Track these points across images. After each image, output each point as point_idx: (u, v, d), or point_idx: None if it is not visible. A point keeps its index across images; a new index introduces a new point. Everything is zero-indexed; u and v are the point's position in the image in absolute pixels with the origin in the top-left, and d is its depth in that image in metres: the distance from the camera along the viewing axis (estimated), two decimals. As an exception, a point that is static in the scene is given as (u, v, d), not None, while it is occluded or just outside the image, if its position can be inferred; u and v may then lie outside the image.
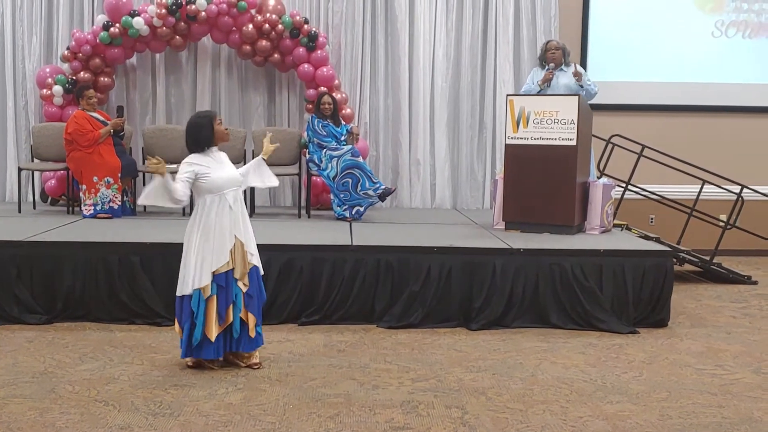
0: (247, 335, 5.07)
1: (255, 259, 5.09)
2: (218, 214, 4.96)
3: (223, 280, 4.96)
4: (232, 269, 4.97)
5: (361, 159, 8.16)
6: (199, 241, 4.96)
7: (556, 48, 7.81)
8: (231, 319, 4.99)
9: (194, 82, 9.61)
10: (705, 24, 10.09)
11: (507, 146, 7.35)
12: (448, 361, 5.45)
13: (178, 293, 5.04)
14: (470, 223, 8.20)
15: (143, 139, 8.77)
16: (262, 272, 5.20)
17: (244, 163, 8.38)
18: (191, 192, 5.04)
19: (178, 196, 4.92)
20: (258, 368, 5.13)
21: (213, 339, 4.97)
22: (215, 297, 4.95)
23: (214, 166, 5.01)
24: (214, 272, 4.93)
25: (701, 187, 8.69)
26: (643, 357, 5.65)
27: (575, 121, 7.01)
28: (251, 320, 5.05)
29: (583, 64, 9.69)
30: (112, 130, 7.97)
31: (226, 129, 5.13)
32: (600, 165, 8.80)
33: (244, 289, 5.02)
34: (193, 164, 4.99)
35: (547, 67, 7.83)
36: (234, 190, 5.04)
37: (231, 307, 4.99)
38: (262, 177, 5.41)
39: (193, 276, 4.94)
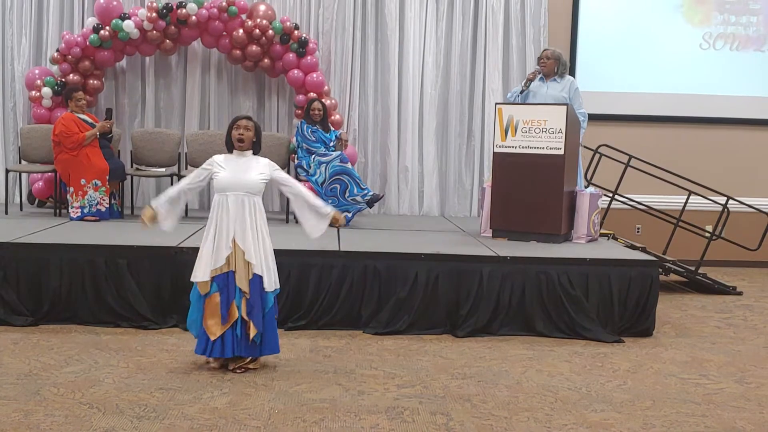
0: (246, 340, 5.07)
1: (257, 269, 5.05)
2: (219, 214, 5.06)
3: (223, 281, 5.03)
4: (233, 271, 5.02)
5: (349, 165, 8.18)
6: (205, 236, 5.12)
7: (548, 57, 7.74)
8: (236, 316, 5.02)
9: (184, 86, 9.61)
10: (693, 36, 10.17)
11: (495, 154, 7.37)
12: (433, 367, 5.46)
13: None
14: (457, 230, 8.22)
15: (132, 142, 8.76)
16: (270, 287, 5.13)
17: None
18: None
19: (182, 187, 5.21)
20: (240, 372, 5.12)
21: (213, 338, 5.04)
22: (217, 295, 5.03)
23: (231, 167, 5.09)
24: (212, 272, 5.04)
25: (687, 198, 8.74)
26: (627, 366, 5.68)
27: (563, 131, 7.04)
28: (252, 328, 5.04)
29: (572, 74, 9.71)
30: (98, 133, 7.95)
31: (240, 134, 5.10)
32: (587, 174, 8.84)
33: (246, 296, 5.03)
34: (213, 161, 5.16)
35: (537, 68, 7.82)
36: (239, 194, 5.04)
37: (233, 304, 5.03)
38: (317, 224, 5.23)
39: (195, 269, 5.10)
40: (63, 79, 8.88)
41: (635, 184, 9.08)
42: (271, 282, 5.12)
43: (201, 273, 5.06)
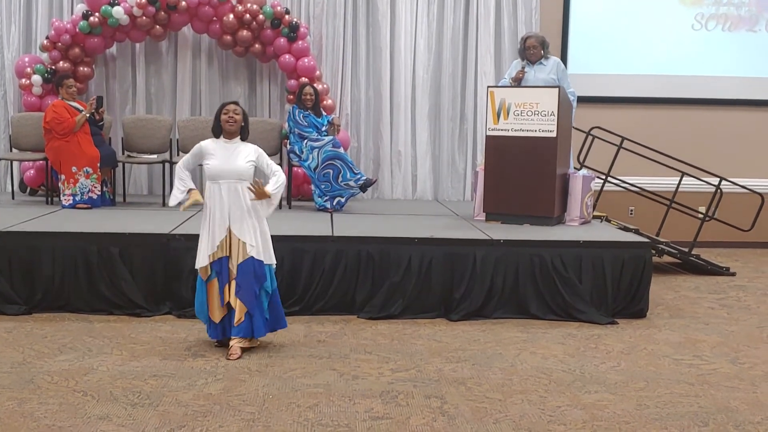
0: (232, 320, 5.18)
1: (254, 251, 5.14)
2: (212, 201, 5.14)
3: (218, 266, 5.18)
4: (227, 256, 5.15)
5: (342, 150, 8.15)
6: (201, 224, 5.22)
7: (534, 45, 7.72)
8: (228, 299, 5.16)
9: (174, 72, 9.57)
10: (685, 17, 10.15)
11: (488, 138, 7.36)
12: (428, 351, 5.47)
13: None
14: (451, 214, 8.22)
15: (123, 129, 8.73)
16: (269, 263, 5.25)
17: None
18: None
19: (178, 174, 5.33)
20: (232, 358, 5.13)
21: (217, 320, 5.24)
22: (216, 280, 5.19)
23: (220, 154, 5.16)
24: (209, 257, 5.17)
25: (680, 179, 8.74)
26: (621, 347, 5.69)
27: (555, 113, 7.03)
28: (238, 306, 5.14)
29: (564, 56, 9.73)
30: (88, 115, 7.89)
31: (230, 117, 5.16)
32: (580, 157, 8.83)
33: (233, 277, 5.14)
34: (200, 145, 5.25)
35: (523, 63, 7.77)
36: (230, 181, 5.11)
37: (226, 288, 5.17)
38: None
39: (196, 256, 5.24)
40: (53, 67, 8.83)
41: (628, 165, 9.08)
42: (270, 256, 5.25)
43: (201, 259, 5.20)
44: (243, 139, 5.27)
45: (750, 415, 4.42)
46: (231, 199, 5.11)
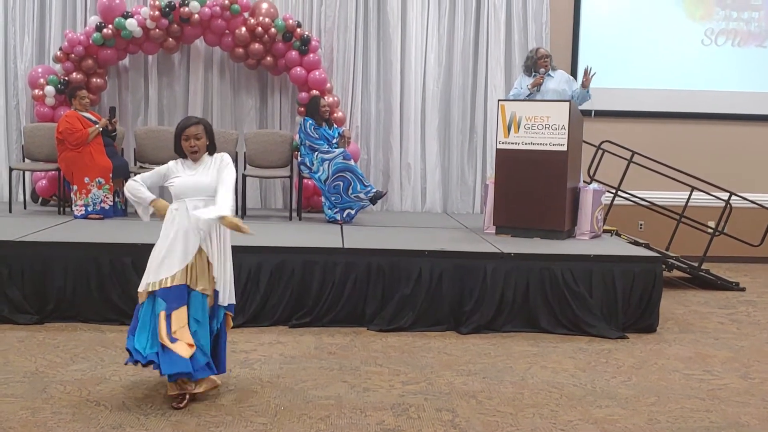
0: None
1: (218, 285, 4.57)
2: (179, 221, 4.52)
3: (169, 293, 4.48)
4: (186, 285, 4.49)
5: (352, 162, 8.18)
6: (157, 244, 4.59)
7: (548, 54, 7.86)
8: (175, 329, 4.44)
9: (186, 84, 9.61)
10: (695, 32, 10.17)
11: (498, 151, 7.38)
12: (438, 364, 5.48)
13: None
14: (461, 227, 8.23)
15: (135, 140, 8.78)
16: (225, 301, 4.62)
17: (236, 164, 8.49)
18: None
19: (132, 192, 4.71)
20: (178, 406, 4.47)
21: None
22: (164, 313, 4.46)
23: (187, 173, 4.62)
24: (160, 281, 4.47)
25: (690, 194, 8.75)
26: (632, 362, 5.69)
27: (566, 127, 7.05)
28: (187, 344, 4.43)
29: (574, 70, 9.74)
30: (101, 129, 7.96)
31: (193, 146, 4.58)
32: (590, 171, 8.84)
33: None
34: (167, 166, 4.71)
35: (535, 73, 7.85)
36: (199, 199, 4.52)
37: (174, 315, 4.46)
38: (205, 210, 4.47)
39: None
40: (66, 78, 8.88)
41: (638, 180, 9.09)
42: (225, 296, 4.63)
43: (143, 285, 4.57)
44: (210, 154, 4.71)
45: (761, 430, 4.42)
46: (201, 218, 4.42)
